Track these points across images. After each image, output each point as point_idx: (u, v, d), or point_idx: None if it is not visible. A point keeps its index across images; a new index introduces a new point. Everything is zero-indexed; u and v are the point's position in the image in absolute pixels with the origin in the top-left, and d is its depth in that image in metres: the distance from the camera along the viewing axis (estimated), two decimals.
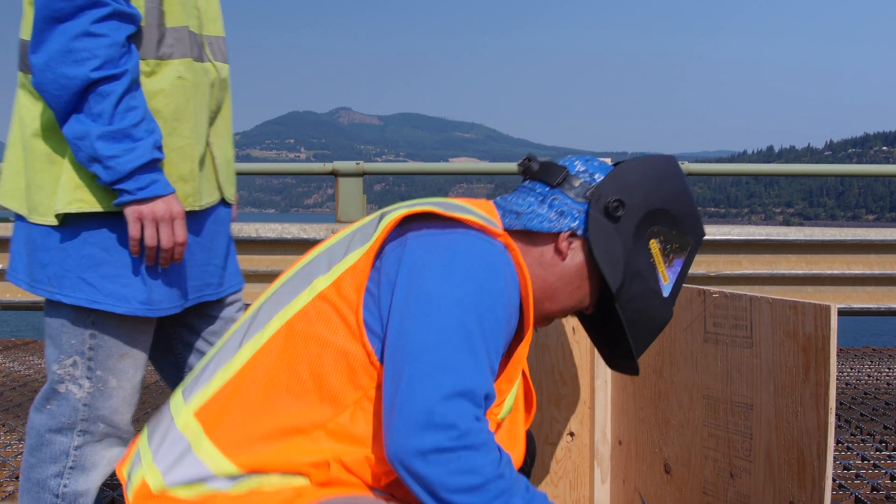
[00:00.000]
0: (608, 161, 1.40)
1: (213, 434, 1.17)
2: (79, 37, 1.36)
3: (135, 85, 1.41)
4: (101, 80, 1.36)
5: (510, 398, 1.21)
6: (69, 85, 1.36)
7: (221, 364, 1.21)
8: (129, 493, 1.21)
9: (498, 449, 1.08)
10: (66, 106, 1.37)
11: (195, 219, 1.55)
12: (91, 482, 1.57)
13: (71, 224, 1.46)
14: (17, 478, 2.62)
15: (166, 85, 1.49)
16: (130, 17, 1.41)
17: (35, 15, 1.38)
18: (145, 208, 1.42)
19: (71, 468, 1.55)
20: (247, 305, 1.51)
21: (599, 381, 1.69)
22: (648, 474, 1.61)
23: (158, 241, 1.44)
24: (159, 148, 1.42)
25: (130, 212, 1.41)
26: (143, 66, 1.46)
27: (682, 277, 1.25)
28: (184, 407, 1.22)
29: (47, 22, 1.36)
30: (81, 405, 1.52)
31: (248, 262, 3.81)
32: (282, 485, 1.13)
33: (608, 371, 1.69)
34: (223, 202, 1.65)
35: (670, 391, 1.52)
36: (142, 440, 1.27)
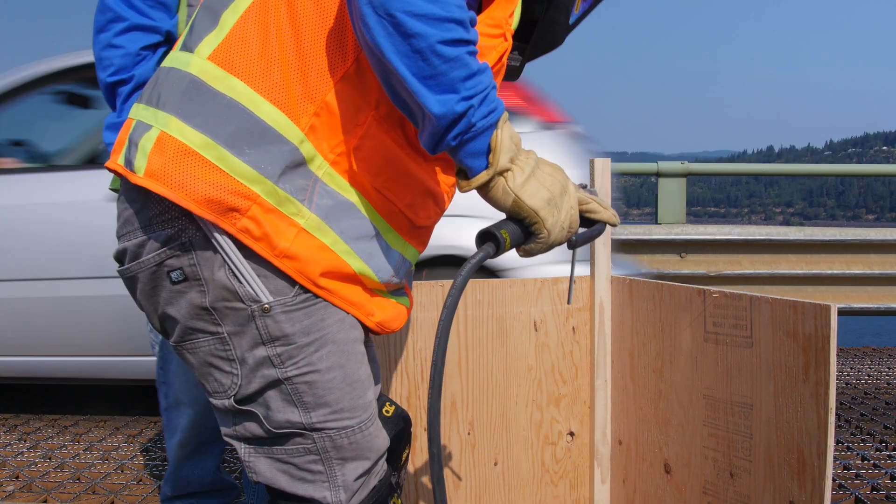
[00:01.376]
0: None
1: (242, 73, 1.03)
2: (105, 48, 1.72)
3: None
4: (116, 83, 1.72)
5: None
6: (101, 87, 1.75)
7: (224, 5, 1.08)
8: (138, 161, 1.03)
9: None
10: (109, 104, 1.77)
11: None
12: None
13: None
14: (17, 477, 2.62)
15: None
16: (151, 29, 1.71)
17: None
18: None
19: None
20: None
21: (599, 381, 1.70)
22: (648, 474, 1.61)
23: None
24: None
25: None
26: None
27: (584, 15, 1.25)
28: (192, 57, 1.07)
29: (94, 33, 1.74)
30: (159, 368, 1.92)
31: None
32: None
33: (608, 371, 1.70)
34: None
35: (670, 391, 1.52)
36: (137, 113, 1.10)
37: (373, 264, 1.11)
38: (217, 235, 1.04)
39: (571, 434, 1.72)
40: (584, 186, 1.28)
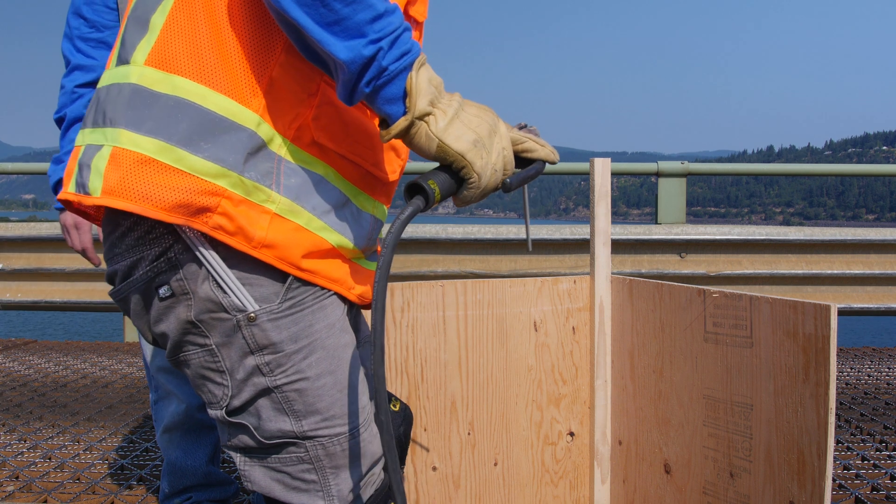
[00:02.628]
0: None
1: (181, 70, 1.00)
2: (60, 91, 1.89)
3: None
4: (58, 121, 1.89)
5: None
6: None
7: (152, 10, 1.04)
8: (93, 182, 1.00)
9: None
10: None
11: None
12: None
13: None
14: (17, 478, 2.62)
15: None
16: (89, 67, 1.84)
17: None
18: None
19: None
20: None
21: (599, 381, 1.70)
22: (648, 474, 1.61)
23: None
24: None
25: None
26: None
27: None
28: (129, 68, 1.03)
29: None
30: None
31: None
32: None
33: (608, 371, 1.70)
34: None
35: (670, 391, 1.52)
36: (83, 139, 1.06)
37: (348, 234, 1.10)
38: (201, 248, 1.02)
39: (571, 434, 1.72)
40: (522, 126, 1.23)
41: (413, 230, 4.21)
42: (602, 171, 1.63)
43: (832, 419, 1.18)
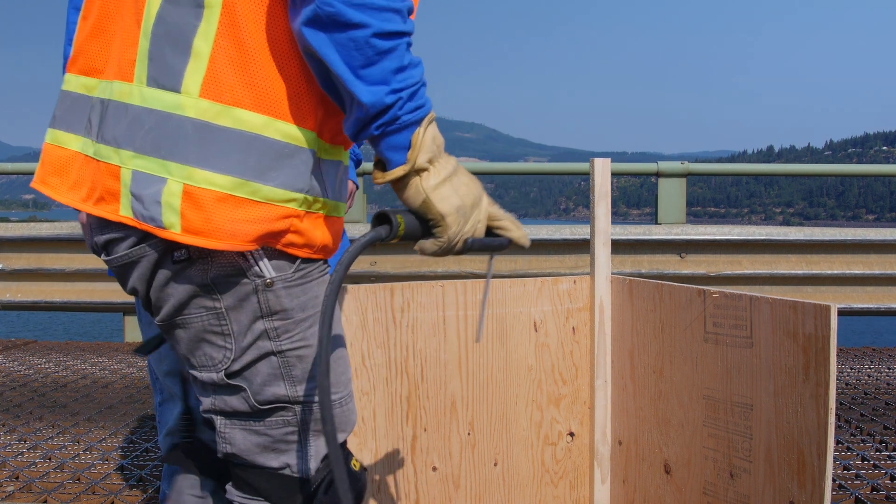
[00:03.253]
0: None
1: (240, 101, 1.03)
2: None
3: None
4: None
5: None
6: None
7: (190, 33, 1.05)
8: (167, 218, 1.03)
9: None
10: None
11: None
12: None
13: None
14: (17, 478, 2.62)
15: None
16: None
17: None
18: None
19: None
20: None
21: (599, 381, 1.70)
22: (648, 474, 1.61)
23: None
24: None
25: None
26: None
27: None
28: (181, 98, 1.04)
29: None
30: None
31: None
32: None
33: (608, 371, 1.70)
34: None
35: (670, 391, 1.52)
36: (126, 161, 1.06)
37: (344, 195, 1.19)
38: None
39: (571, 434, 1.72)
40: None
41: None
42: (602, 171, 1.63)
43: (832, 419, 1.18)
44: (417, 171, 1.07)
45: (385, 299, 1.50)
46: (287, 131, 1.06)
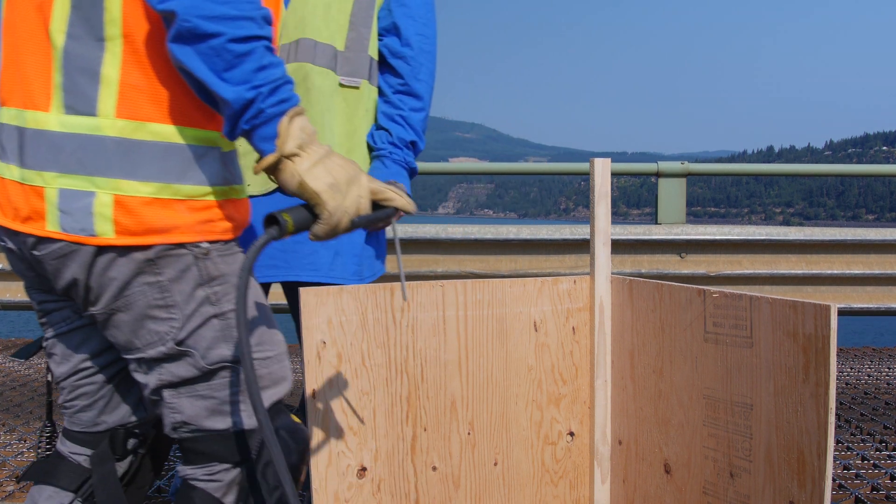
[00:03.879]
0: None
1: (151, 117, 1.19)
2: None
3: None
4: None
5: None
6: None
7: (97, 62, 1.18)
8: (100, 227, 1.17)
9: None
10: None
11: (257, 203, 1.80)
12: None
13: None
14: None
15: None
16: None
17: None
18: None
19: None
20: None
21: (599, 381, 1.70)
22: (648, 474, 1.61)
23: None
24: None
25: None
26: None
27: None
28: (98, 121, 1.18)
29: None
30: None
31: None
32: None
33: (608, 371, 1.70)
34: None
35: (670, 391, 1.52)
36: (49, 181, 1.18)
37: (241, 177, 1.35)
38: None
39: (571, 434, 1.72)
40: (392, 183, 1.43)
41: (413, 230, 4.21)
42: (602, 171, 1.63)
43: (832, 419, 1.18)
44: (289, 157, 1.18)
45: (385, 299, 1.51)
46: (196, 135, 1.22)
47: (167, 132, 1.20)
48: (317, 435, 1.44)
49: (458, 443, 1.60)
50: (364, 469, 1.50)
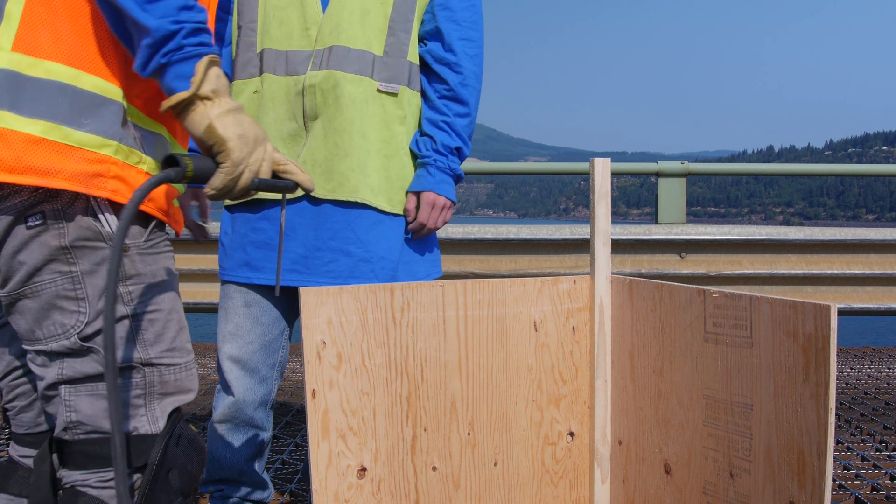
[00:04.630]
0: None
1: (51, 55, 1.13)
2: None
3: None
4: None
5: None
6: None
7: None
8: None
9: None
10: None
11: (274, 207, 1.88)
12: None
13: None
14: None
15: (244, 100, 1.88)
16: None
17: None
18: None
19: None
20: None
21: (599, 381, 1.70)
22: (648, 474, 1.61)
23: None
24: None
25: None
26: (233, 88, 1.88)
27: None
28: None
29: None
30: None
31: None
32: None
33: (608, 371, 1.70)
34: (311, 196, 1.88)
35: (670, 391, 1.52)
36: None
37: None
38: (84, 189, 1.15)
39: (571, 434, 1.72)
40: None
41: None
42: (602, 171, 1.63)
43: (832, 419, 1.18)
44: (202, 98, 1.15)
45: (385, 299, 1.51)
46: (95, 83, 1.15)
47: (64, 73, 1.13)
48: (317, 435, 1.44)
49: (458, 443, 1.60)
50: (364, 469, 1.50)
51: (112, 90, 1.17)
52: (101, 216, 1.16)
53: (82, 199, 1.16)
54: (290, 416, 3.48)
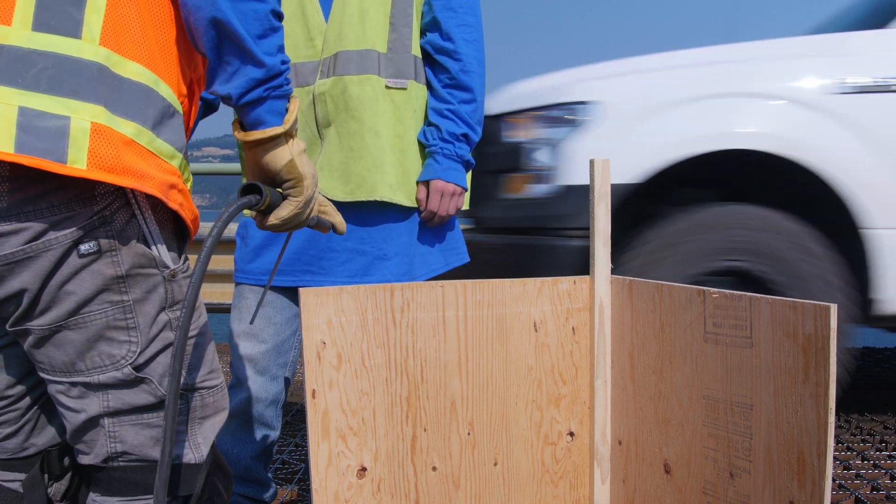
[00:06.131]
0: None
1: (135, 55, 1.09)
2: None
3: None
4: None
5: None
6: None
7: None
8: (73, 153, 0.99)
9: None
10: None
11: None
12: None
13: None
14: None
15: None
16: None
17: None
18: None
19: None
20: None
21: (599, 381, 1.70)
22: (648, 474, 1.61)
23: None
24: None
25: None
26: None
27: None
28: (81, 44, 1.04)
29: None
30: None
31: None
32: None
33: (608, 371, 1.70)
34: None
35: (670, 391, 1.52)
36: (21, 100, 0.99)
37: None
38: (142, 208, 1.11)
39: (571, 434, 1.72)
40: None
41: None
42: (602, 171, 1.63)
43: (832, 419, 1.18)
44: (290, 135, 1.21)
45: (385, 299, 1.51)
46: (168, 92, 1.14)
47: (147, 76, 1.10)
48: (317, 435, 1.44)
49: (458, 443, 1.60)
50: (364, 469, 1.50)
51: (176, 101, 1.17)
52: (151, 242, 1.12)
53: (134, 224, 1.09)
54: (290, 416, 3.48)
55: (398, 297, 1.52)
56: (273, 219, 1.25)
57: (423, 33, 1.95)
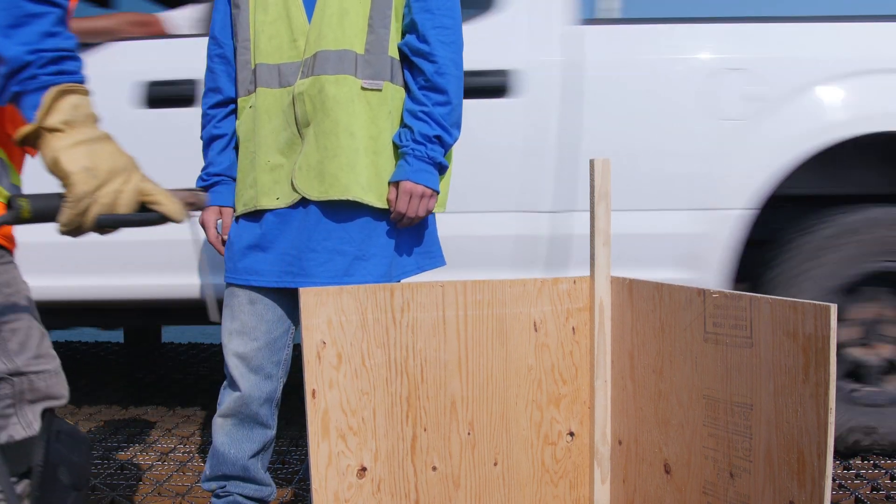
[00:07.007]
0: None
1: None
2: None
3: None
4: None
5: None
6: None
7: None
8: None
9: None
10: None
11: (273, 215, 1.93)
12: None
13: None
14: None
15: (243, 116, 1.96)
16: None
17: None
18: None
19: None
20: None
21: (599, 381, 1.70)
22: (648, 474, 1.61)
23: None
24: None
25: None
26: (238, 105, 1.99)
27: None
28: None
29: None
30: None
31: None
32: None
33: (608, 371, 1.70)
34: (305, 200, 1.92)
35: (670, 391, 1.52)
36: None
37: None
38: None
39: (571, 434, 1.72)
40: (191, 190, 1.28)
41: None
42: (602, 171, 1.63)
43: (832, 419, 1.18)
44: (50, 130, 1.10)
45: (385, 299, 1.51)
46: None
47: None
48: (317, 435, 1.44)
49: (458, 443, 1.60)
50: (364, 469, 1.50)
51: None
52: None
53: None
54: (290, 416, 3.48)
55: (398, 297, 1.52)
56: (63, 227, 1.14)
57: (403, 35, 1.96)
